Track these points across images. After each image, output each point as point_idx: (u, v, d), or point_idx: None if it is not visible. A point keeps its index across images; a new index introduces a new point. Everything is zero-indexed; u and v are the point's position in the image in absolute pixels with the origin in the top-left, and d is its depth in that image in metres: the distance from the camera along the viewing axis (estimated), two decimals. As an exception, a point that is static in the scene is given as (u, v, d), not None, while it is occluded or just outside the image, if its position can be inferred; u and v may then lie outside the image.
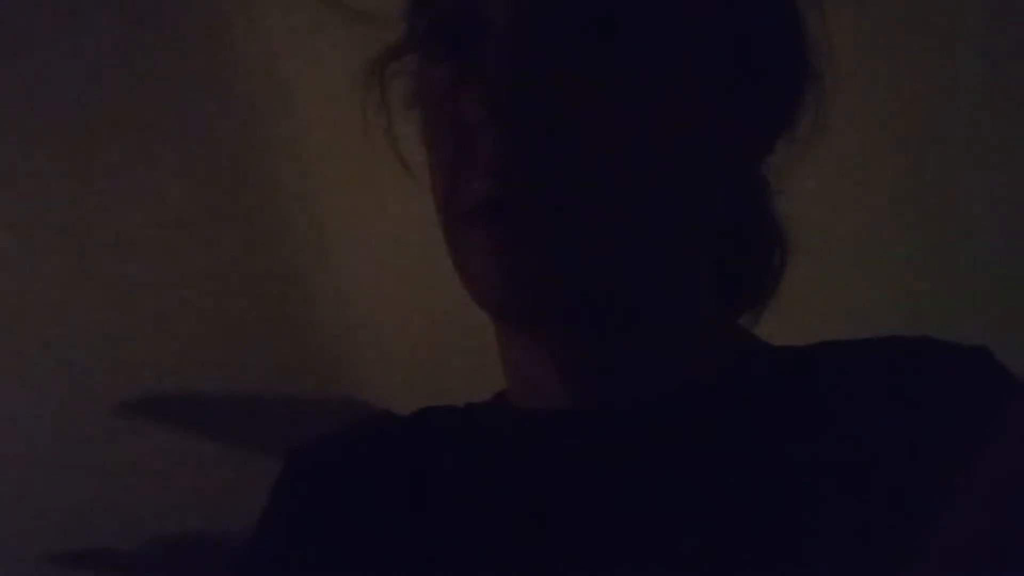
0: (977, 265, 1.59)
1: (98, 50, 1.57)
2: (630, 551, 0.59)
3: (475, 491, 0.65)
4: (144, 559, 1.98)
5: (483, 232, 0.60)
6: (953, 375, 0.61)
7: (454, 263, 0.63)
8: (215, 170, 1.68)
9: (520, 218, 0.59)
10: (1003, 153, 1.50)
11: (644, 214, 0.60)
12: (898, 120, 1.49)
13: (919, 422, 0.59)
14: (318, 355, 1.85)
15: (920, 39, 1.43)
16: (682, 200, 0.62)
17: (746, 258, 0.71)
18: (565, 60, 0.59)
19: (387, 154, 0.70)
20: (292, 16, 1.46)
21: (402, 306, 1.74)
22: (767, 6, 0.65)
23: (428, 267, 0.67)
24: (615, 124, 0.59)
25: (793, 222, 0.73)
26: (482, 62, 0.59)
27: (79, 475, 1.90)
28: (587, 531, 0.60)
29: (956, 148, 1.51)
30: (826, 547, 0.56)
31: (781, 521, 0.57)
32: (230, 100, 1.61)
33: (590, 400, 0.64)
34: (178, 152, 1.66)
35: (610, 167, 0.59)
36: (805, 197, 0.71)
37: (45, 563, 1.97)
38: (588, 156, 0.59)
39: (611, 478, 0.62)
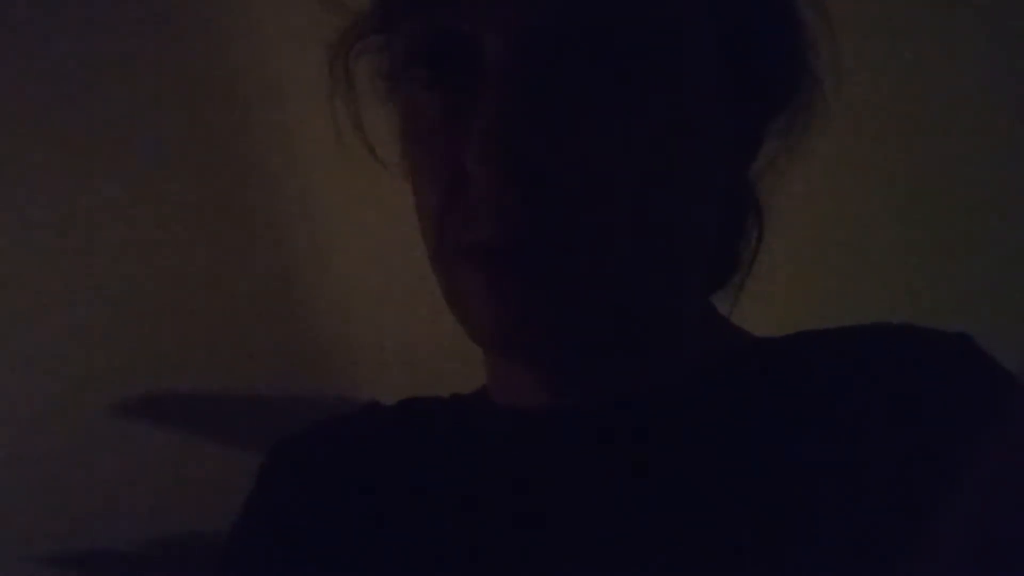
0: (976, 263, 1.59)
1: (98, 50, 1.57)
2: (619, 546, 0.59)
3: (461, 483, 0.65)
4: (143, 559, 1.98)
5: (479, 274, 0.58)
6: (936, 361, 0.61)
7: (444, 294, 0.61)
8: (213, 170, 1.68)
9: (519, 263, 0.57)
10: (1004, 149, 1.50)
11: (646, 247, 0.59)
12: (897, 115, 1.49)
13: (906, 410, 0.59)
14: (317, 355, 1.84)
15: (920, 34, 1.43)
16: (683, 221, 0.61)
17: (728, 242, 0.70)
18: (565, 102, 0.57)
19: (373, 148, 0.69)
20: (289, 15, 1.47)
21: (401, 306, 1.74)
22: (765, 10, 0.64)
23: (426, 266, 0.66)
24: (617, 164, 0.57)
25: (790, 219, 0.73)
26: (479, 100, 0.56)
27: (77, 475, 1.90)
28: (575, 526, 0.60)
29: (956, 144, 1.51)
30: (817, 539, 0.55)
31: (773, 514, 0.57)
32: (228, 100, 1.61)
33: (575, 396, 0.64)
34: (176, 152, 1.66)
35: (612, 209, 0.57)
36: (802, 193, 0.71)
37: (43, 563, 1.97)
38: (589, 199, 0.57)
39: (598, 473, 0.61)
